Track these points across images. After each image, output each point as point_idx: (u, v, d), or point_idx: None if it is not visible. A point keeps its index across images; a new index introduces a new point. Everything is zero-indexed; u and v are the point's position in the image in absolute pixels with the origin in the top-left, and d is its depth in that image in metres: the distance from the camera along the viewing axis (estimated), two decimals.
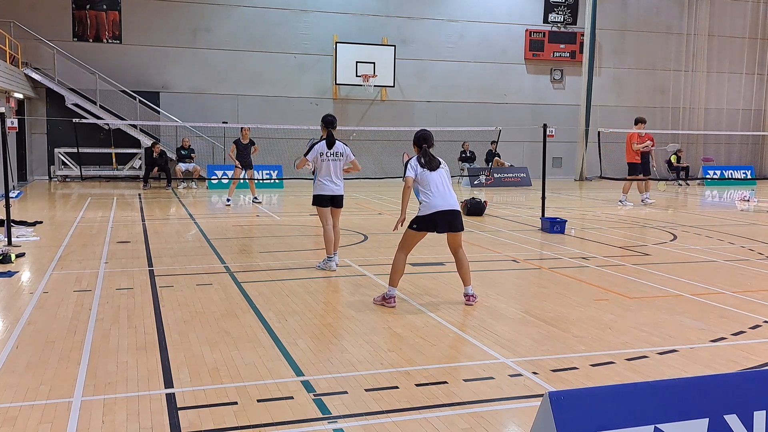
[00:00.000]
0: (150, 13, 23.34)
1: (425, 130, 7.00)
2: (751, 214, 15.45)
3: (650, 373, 4.87)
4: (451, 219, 6.68)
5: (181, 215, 14.30)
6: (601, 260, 9.28)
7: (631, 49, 28.29)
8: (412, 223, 6.71)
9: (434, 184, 6.67)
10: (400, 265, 6.75)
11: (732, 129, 28.94)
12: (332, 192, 8.47)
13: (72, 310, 6.45)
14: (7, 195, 10.38)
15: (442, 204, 6.63)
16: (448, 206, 6.66)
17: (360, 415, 4.10)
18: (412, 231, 6.72)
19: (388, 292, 6.73)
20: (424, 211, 6.66)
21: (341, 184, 8.60)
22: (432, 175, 6.69)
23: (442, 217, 6.63)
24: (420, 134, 6.92)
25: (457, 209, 6.73)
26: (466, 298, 6.84)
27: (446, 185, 6.76)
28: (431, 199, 6.62)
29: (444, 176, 6.79)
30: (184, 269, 8.43)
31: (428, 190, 6.66)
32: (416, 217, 6.70)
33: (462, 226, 6.77)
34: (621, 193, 17.14)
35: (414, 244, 6.82)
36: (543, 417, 2.58)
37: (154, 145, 21.14)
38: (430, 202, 6.63)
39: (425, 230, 6.70)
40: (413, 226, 6.71)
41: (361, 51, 24.73)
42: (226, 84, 24.19)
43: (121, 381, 4.61)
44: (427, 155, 6.80)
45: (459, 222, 6.74)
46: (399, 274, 6.74)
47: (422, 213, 6.67)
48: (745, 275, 8.41)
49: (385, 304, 6.67)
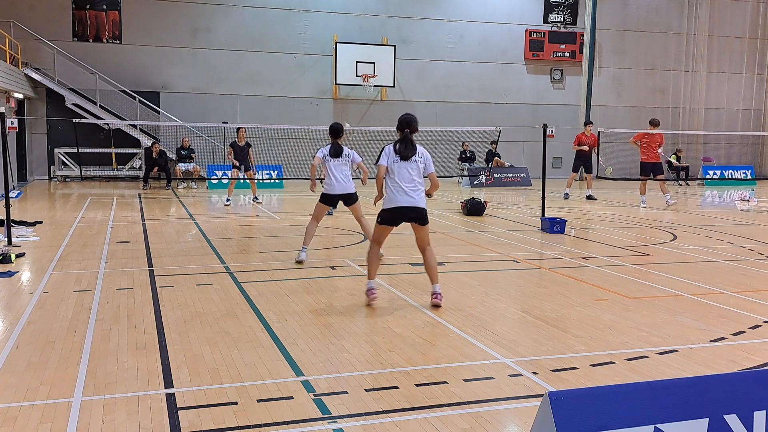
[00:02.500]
0: (150, 13, 23.34)
1: (410, 114, 6.89)
2: (751, 214, 15.46)
3: (650, 373, 4.87)
4: (413, 215, 6.66)
5: (181, 215, 14.30)
6: (601, 260, 9.28)
7: (631, 49, 28.29)
8: (378, 217, 6.77)
9: (402, 178, 6.59)
10: (372, 258, 6.82)
11: (732, 129, 28.95)
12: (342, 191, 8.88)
13: (72, 310, 6.45)
14: (7, 195, 10.38)
15: (404, 201, 6.61)
16: (410, 203, 6.62)
17: (360, 415, 4.10)
18: (377, 225, 6.80)
19: (366, 285, 6.78)
20: (386, 204, 6.70)
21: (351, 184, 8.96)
22: (402, 168, 6.62)
23: (405, 212, 6.64)
24: (404, 118, 6.79)
25: (420, 206, 6.66)
26: (433, 296, 6.72)
27: (414, 180, 6.65)
28: (395, 196, 6.62)
29: (415, 169, 6.66)
30: (184, 269, 8.43)
31: (394, 184, 6.64)
32: (381, 210, 6.75)
33: (426, 220, 6.71)
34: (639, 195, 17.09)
35: (383, 237, 6.89)
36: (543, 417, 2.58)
37: (154, 145, 21.14)
38: (393, 198, 6.63)
39: (389, 224, 6.73)
40: (378, 219, 6.76)
41: (361, 51, 24.74)
42: (226, 84, 24.20)
43: (121, 381, 4.61)
44: (405, 142, 6.70)
45: (422, 216, 6.68)
46: (373, 267, 6.79)
47: (385, 206, 6.71)
48: (745, 275, 8.41)
49: (367, 296, 6.71)
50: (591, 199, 18.15)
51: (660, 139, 16.12)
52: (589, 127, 18.58)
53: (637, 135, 16.43)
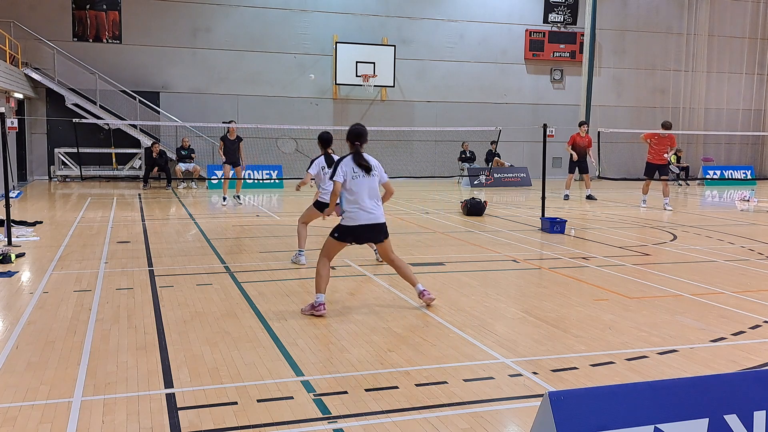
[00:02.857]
0: (150, 13, 23.34)
1: (360, 124, 6.54)
2: (751, 214, 15.46)
3: (650, 373, 4.87)
4: (373, 234, 6.46)
5: (181, 215, 14.30)
6: (601, 260, 9.28)
7: (631, 49, 28.29)
8: (334, 232, 6.45)
9: (363, 194, 6.31)
10: (323, 271, 6.38)
11: (732, 129, 28.94)
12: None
13: (72, 310, 6.45)
14: (7, 195, 10.37)
15: (367, 218, 6.33)
16: (373, 220, 6.37)
17: (360, 415, 4.10)
18: (333, 240, 6.44)
19: (315, 300, 6.34)
20: (347, 222, 6.36)
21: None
22: (362, 183, 6.31)
23: (366, 230, 6.41)
24: (356, 129, 6.43)
25: (381, 222, 6.43)
26: (421, 294, 6.60)
27: (375, 194, 6.39)
28: (357, 213, 6.32)
29: (374, 182, 6.38)
30: (184, 269, 8.43)
31: (355, 201, 6.31)
32: (339, 226, 6.42)
33: (385, 235, 6.50)
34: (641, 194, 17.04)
35: (335, 252, 6.54)
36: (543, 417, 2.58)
37: (154, 145, 21.15)
38: (355, 215, 6.32)
39: (345, 241, 6.46)
40: (335, 234, 6.42)
41: (361, 51, 24.73)
42: (226, 84, 24.20)
43: (121, 381, 4.61)
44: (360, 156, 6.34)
45: (383, 233, 6.47)
46: (324, 280, 6.38)
47: (345, 223, 6.37)
48: (745, 275, 8.41)
49: (314, 313, 6.27)
50: (591, 199, 18.15)
51: (671, 142, 15.93)
52: (584, 128, 18.52)
53: (648, 134, 16.32)
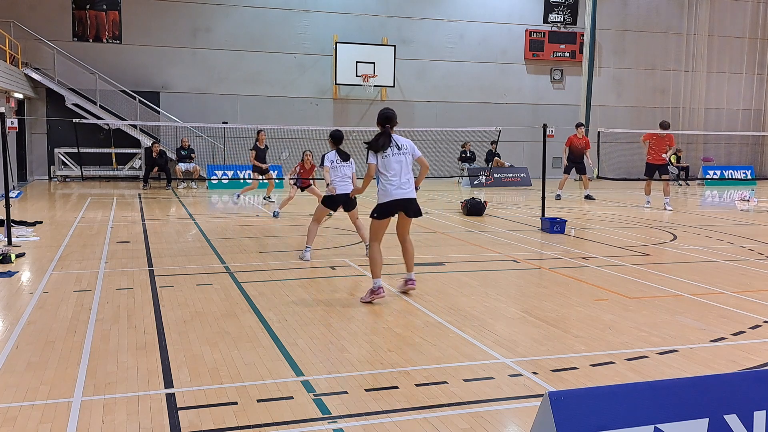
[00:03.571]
0: (150, 13, 23.34)
1: (390, 108, 6.97)
2: (751, 214, 15.46)
3: (650, 373, 4.87)
4: (406, 208, 6.83)
5: (181, 215, 14.30)
6: (601, 260, 9.28)
7: (631, 49, 28.28)
8: (373, 213, 6.84)
9: (395, 171, 6.73)
10: (376, 256, 6.85)
11: (732, 129, 28.94)
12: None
13: (72, 310, 6.45)
14: (7, 195, 10.37)
15: (401, 194, 6.75)
16: (405, 195, 6.78)
17: (360, 415, 4.10)
18: (375, 221, 6.86)
19: (373, 285, 6.79)
20: (382, 198, 6.77)
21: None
22: (393, 161, 6.73)
23: (400, 204, 6.78)
24: (385, 113, 6.87)
25: (413, 197, 6.85)
26: (408, 282, 7.02)
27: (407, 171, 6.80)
28: (390, 189, 6.72)
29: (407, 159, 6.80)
30: (184, 269, 8.43)
31: (388, 178, 6.72)
32: (376, 206, 6.82)
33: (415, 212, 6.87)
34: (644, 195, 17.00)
35: (382, 232, 6.94)
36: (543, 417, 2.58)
37: (154, 145, 21.15)
38: (389, 191, 6.73)
39: (386, 217, 6.83)
40: (374, 215, 6.84)
41: (361, 51, 24.73)
42: (226, 84, 24.19)
43: (121, 381, 4.61)
44: (387, 136, 6.79)
45: (413, 208, 6.85)
46: (378, 265, 6.82)
47: (380, 201, 6.79)
48: (745, 275, 8.41)
49: (374, 297, 6.71)
50: (589, 198, 18.11)
51: (670, 142, 15.91)
52: (581, 129, 18.40)
53: (647, 135, 16.31)
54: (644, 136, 16.37)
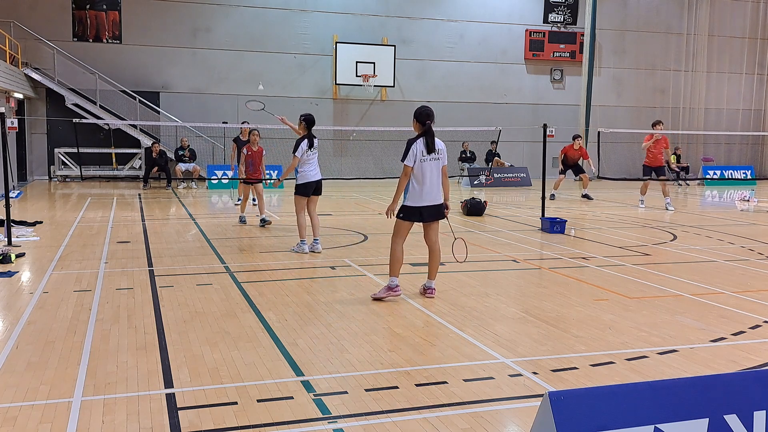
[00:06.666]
0: (150, 13, 23.34)
1: (427, 106, 6.87)
2: (751, 214, 15.45)
3: (650, 373, 4.87)
4: (435, 213, 6.86)
5: (181, 215, 14.30)
6: (601, 260, 9.28)
7: (631, 49, 28.29)
8: (399, 212, 6.85)
9: (429, 176, 6.69)
10: (397, 254, 6.86)
11: (732, 129, 28.94)
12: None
13: (72, 310, 6.45)
14: (7, 195, 10.37)
15: (431, 199, 6.75)
16: (435, 201, 6.79)
17: (360, 415, 4.10)
18: (400, 221, 6.87)
19: (390, 282, 6.83)
20: (411, 202, 6.75)
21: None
22: (427, 166, 6.68)
23: (429, 210, 6.79)
24: (425, 109, 6.73)
25: (441, 202, 6.87)
26: (429, 290, 7.00)
27: (438, 176, 6.78)
28: (421, 193, 6.70)
29: (438, 166, 6.76)
30: (184, 269, 8.43)
31: (422, 182, 6.69)
32: (403, 207, 6.83)
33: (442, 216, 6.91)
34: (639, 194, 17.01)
35: (405, 233, 6.93)
36: (543, 417, 2.58)
37: (154, 145, 21.15)
38: (420, 195, 6.70)
39: (411, 220, 6.84)
40: (400, 215, 6.85)
41: (361, 51, 24.73)
42: (226, 84, 24.19)
43: (121, 381, 4.61)
44: (431, 136, 6.72)
45: (441, 213, 6.88)
46: (398, 263, 6.85)
47: (409, 204, 6.76)
48: (745, 275, 8.41)
49: (391, 294, 6.80)
50: (587, 198, 18.02)
51: (665, 143, 15.96)
52: (578, 141, 18.12)
53: (647, 138, 16.27)
54: (645, 139, 16.33)
